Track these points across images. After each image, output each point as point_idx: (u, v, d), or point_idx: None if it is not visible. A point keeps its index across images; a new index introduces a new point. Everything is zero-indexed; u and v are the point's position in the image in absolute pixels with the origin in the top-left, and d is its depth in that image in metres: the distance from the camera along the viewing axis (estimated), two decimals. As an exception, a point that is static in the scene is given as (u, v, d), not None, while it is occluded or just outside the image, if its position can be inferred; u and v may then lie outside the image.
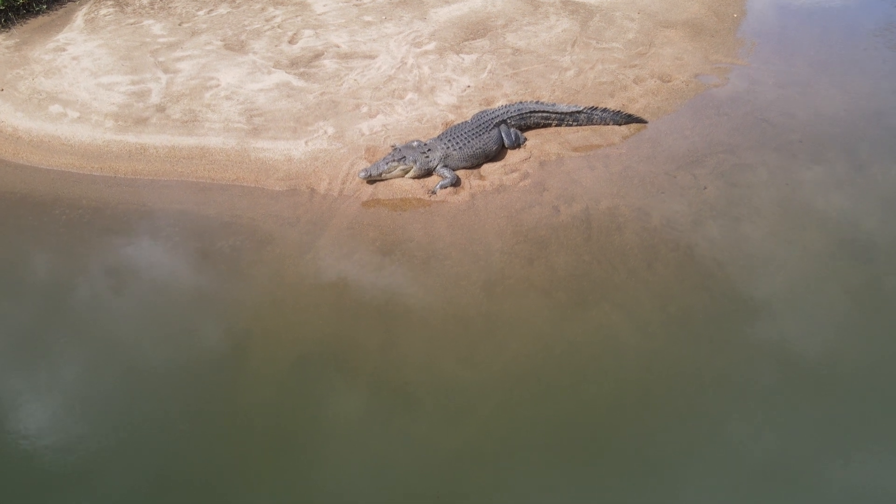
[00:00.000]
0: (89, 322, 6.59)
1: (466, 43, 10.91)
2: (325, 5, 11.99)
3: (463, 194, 7.90)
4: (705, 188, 7.96)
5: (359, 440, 5.52)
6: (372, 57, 10.38)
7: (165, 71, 9.95)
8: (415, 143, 8.15)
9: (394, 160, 7.87)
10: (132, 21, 11.47)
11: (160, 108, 9.13)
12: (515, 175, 8.18)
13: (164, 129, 8.79)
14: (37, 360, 6.13)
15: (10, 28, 11.32)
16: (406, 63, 10.22)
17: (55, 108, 9.20)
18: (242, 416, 5.65)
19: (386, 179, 7.99)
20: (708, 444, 5.43)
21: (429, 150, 8.01)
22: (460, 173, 8.11)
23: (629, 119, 9.06)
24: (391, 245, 7.25)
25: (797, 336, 6.26)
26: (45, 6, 11.81)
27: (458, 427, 5.64)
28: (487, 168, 8.33)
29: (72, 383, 5.94)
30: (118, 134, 8.75)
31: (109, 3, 12.10)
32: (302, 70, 10.01)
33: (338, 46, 10.64)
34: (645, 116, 9.21)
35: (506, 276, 6.86)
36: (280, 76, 9.82)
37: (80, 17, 11.63)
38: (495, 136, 8.38)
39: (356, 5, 12.02)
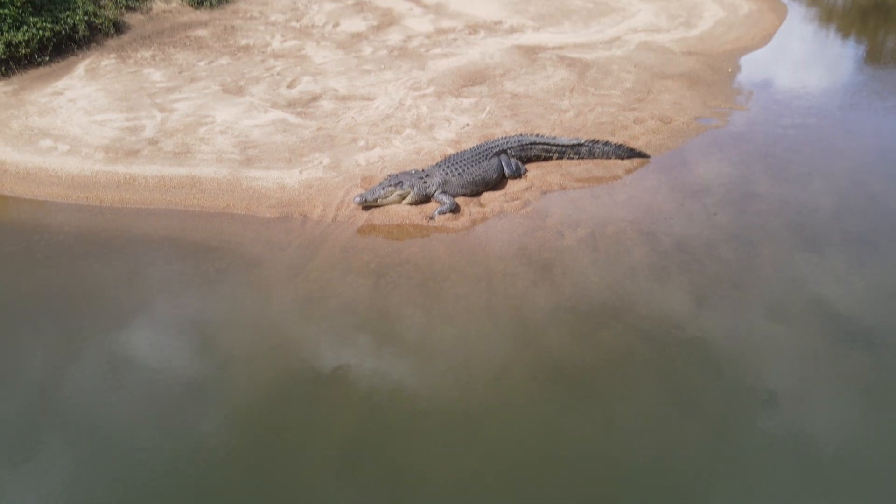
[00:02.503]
0: (54, 346, 6.04)
1: (465, 88, 10.92)
2: (324, 57, 12.12)
3: (462, 220, 7.56)
4: (716, 214, 7.63)
5: (351, 464, 4.88)
6: (370, 99, 10.34)
7: (161, 110, 9.85)
8: (412, 171, 7.89)
9: (391, 185, 7.59)
10: (132, 70, 11.53)
11: (153, 142, 8.94)
12: (517, 203, 7.88)
13: (155, 160, 8.56)
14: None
15: (10, 76, 11.32)
16: (404, 104, 10.16)
17: (45, 143, 9.01)
18: (220, 445, 5.00)
19: (382, 205, 7.68)
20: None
21: (427, 175, 7.75)
22: (460, 201, 7.80)
23: (632, 153, 8.87)
24: (386, 267, 6.82)
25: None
26: (47, 58, 11.90)
27: (456, 452, 5.01)
28: (487, 196, 8.03)
29: (44, 402, 5.35)
30: (107, 165, 8.50)
31: (112, 55, 12.22)
32: (299, 110, 9.92)
33: (336, 90, 10.63)
34: (648, 152, 9.02)
35: (508, 298, 6.40)
36: (276, 114, 9.72)
37: (81, 68, 11.70)
38: (495, 164, 8.15)
39: (356, 57, 12.16)
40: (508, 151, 8.37)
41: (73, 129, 9.32)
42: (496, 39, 13.43)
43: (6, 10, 11.44)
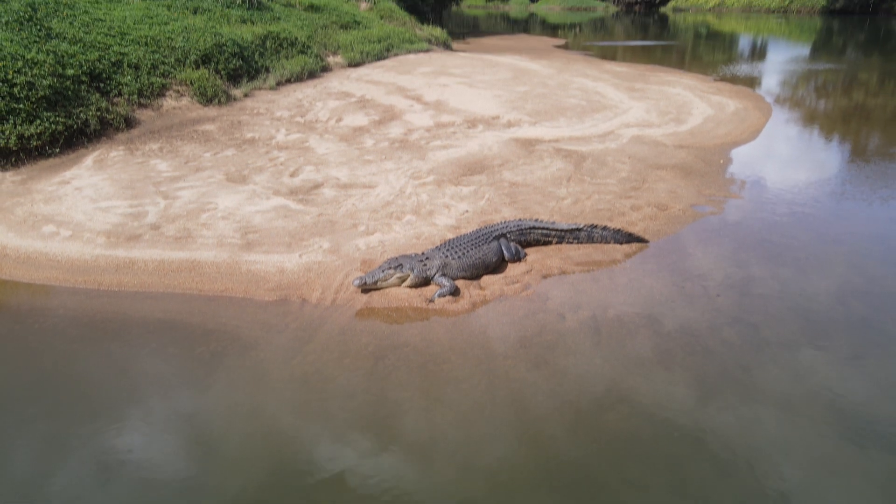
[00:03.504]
0: (42, 433, 5.80)
1: (464, 178, 11.17)
2: (327, 148, 12.48)
3: (462, 303, 7.50)
4: (719, 296, 7.59)
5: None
6: (371, 187, 10.54)
7: (165, 198, 10.01)
8: (412, 254, 7.92)
9: (390, 268, 7.58)
10: (140, 161, 11.83)
11: (154, 227, 9.02)
12: (517, 286, 7.85)
13: (156, 244, 8.60)
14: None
15: (19, 167, 11.61)
16: (405, 192, 10.35)
17: (48, 228, 9.08)
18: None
19: (381, 288, 7.64)
20: None
21: (427, 258, 7.77)
22: (459, 284, 7.78)
23: (630, 238, 8.94)
24: (385, 350, 6.69)
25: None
26: (57, 150, 12.24)
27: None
28: (487, 279, 8.01)
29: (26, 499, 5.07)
30: (108, 249, 8.53)
31: (120, 147, 12.59)
32: (301, 197, 10.09)
33: (338, 179, 10.86)
34: (646, 237, 9.10)
35: (510, 380, 6.23)
36: (278, 201, 9.87)
37: (90, 159, 12.01)
38: (495, 248, 8.19)
39: (357, 148, 12.53)
40: (508, 235, 8.45)
41: (76, 215, 9.44)
42: (494, 133, 13.90)
43: (21, 105, 11.90)
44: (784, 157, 13.79)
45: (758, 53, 37.77)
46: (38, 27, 14.29)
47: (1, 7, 14.23)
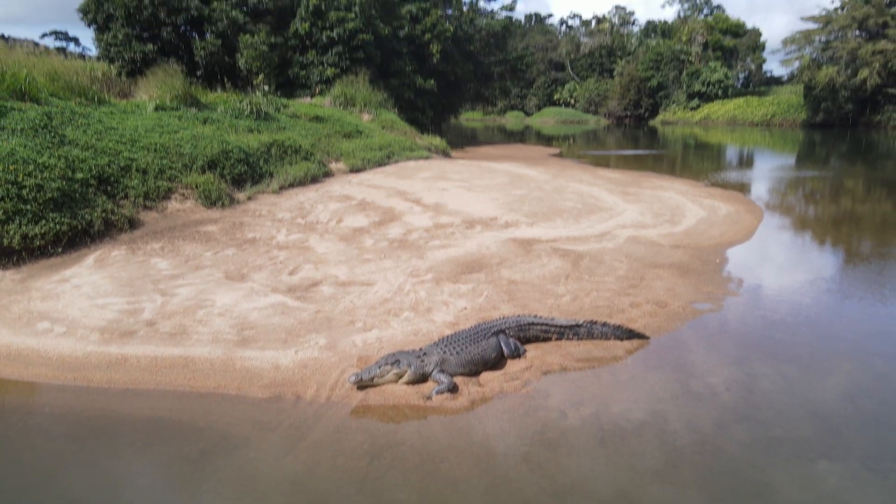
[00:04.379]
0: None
1: (463, 276, 11.21)
2: (326, 248, 12.62)
3: (461, 400, 7.29)
4: (728, 389, 7.42)
5: None
6: (369, 284, 10.56)
7: (163, 295, 9.99)
8: (410, 350, 7.79)
9: (387, 364, 7.43)
10: (140, 259, 11.92)
11: (150, 324, 8.94)
12: (517, 382, 7.67)
13: (150, 340, 8.48)
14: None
15: (20, 266, 11.65)
16: (403, 289, 10.35)
17: (43, 325, 8.99)
18: None
19: (378, 385, 7.45)
20: None
21: (424, 354, 7.63)
22: (458, 381, 7.59)
23: (631, 334, 8.84)
24: (381, 449, 6.42)
25: None
26: (60, 249, 12.35)
27: None
28: (486, 376, 7.84)
29: None
30: (101, 346, 8.39)
31: (122, 247, 12.72)
32: (299, 294, 10.08)
33: (336, 277, 10.90)
34: (647, 333, 9.01)
35: (511, 481, 5.94)
36: (276, 298, 9.85)
37: (91, 258, 12.09)
38: (493, 343, 8.08)
39: (357, 248, 12.67)
40: (507, 331, 8.35)
41: (72, 312, 9.37)
42: (492, 233, 14.13)
43: (28, 206, 12.14)
44: (779, 257, 13.95)
45: (745, 162, 39.20)
46: (53, 134, 14.86)
47: (18, 115, 14.86)
